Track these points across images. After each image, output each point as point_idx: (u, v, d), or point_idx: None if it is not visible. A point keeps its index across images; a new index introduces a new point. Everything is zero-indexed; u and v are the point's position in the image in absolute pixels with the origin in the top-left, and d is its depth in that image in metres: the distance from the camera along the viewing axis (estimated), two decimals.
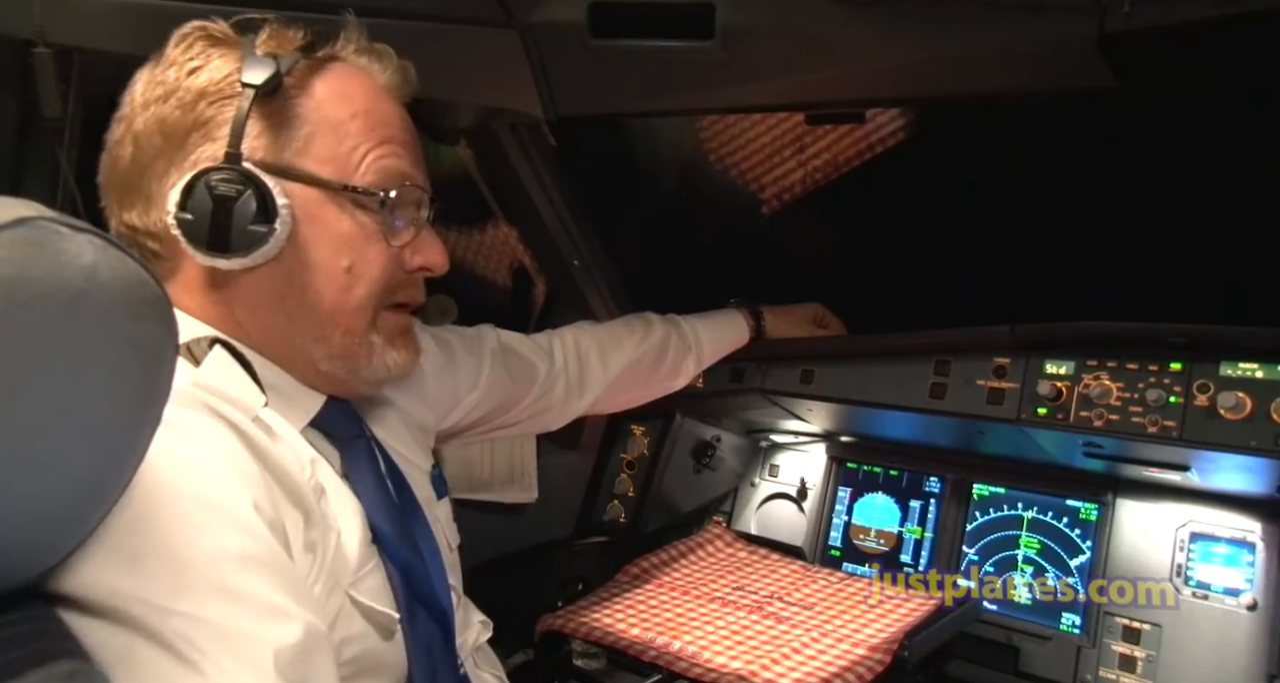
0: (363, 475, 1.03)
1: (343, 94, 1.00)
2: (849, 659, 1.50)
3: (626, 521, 2.16)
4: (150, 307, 0.63)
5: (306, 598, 0.82)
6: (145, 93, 0.97)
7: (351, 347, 1.02)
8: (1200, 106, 1.56)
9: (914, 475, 2.09)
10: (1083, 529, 1.83)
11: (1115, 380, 1.51)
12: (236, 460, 0.84)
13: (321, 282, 0.99)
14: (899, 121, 1.91)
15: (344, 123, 0.99)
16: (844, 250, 2.12)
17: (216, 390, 0.88)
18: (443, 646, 1.05)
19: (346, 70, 1.03)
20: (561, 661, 1.63)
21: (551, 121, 1.51)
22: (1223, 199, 1.64)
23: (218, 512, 0.78)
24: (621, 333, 1.70)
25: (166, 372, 0.67)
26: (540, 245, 1.94)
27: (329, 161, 0.98)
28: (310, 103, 0.98)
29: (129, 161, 0.97)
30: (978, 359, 1.66)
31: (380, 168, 1.01)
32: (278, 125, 0.96)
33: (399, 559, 1.00)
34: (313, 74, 0.99)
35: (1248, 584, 1.62)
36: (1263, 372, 1.38)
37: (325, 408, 1.04)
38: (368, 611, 0.95)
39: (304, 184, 0.97)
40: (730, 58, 1.27)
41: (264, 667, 0.73)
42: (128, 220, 0.98)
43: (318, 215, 0.98)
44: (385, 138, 1.02)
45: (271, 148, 0.96)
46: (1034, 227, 1.88)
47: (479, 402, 1.43)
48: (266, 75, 0.93)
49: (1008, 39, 1.16)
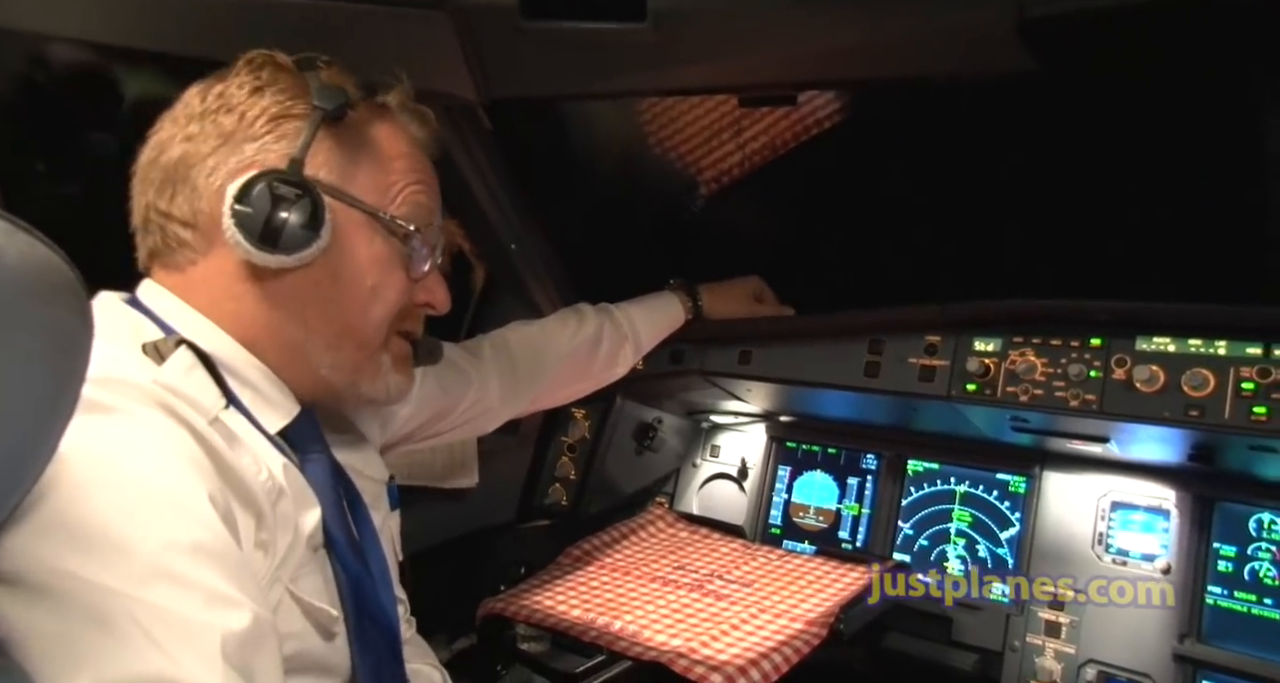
0: (320, 488, 1.04)
1: (392, 136, 1.11)
2: (786, 634, 1.54)
3: (569, 503, 2.17)
4: (62, 292, 0.62)
5: (254, 589, 0.83)
6: (206, 103, 1.03)
7: (362, 361, 1.09)
8: (1120, 90, 1.60)
9: (851, 453, 2.14)
10: (1012, 502, 1.89)
11: (1040, 356, 1.56)
12: (191, 455, 0.85)
13: (346, 295, 1.05)
14: (834, 104, 1.94)
15: (391, 160, 1.09)
16: (782, 232, 2.14)
17: (174, 390, 0.89)
18: (389, 656, 1.08)
19: (395, 119, 1.13)
20: (504, 644, 1.63)
21: (485, 105, 1.50)
22: (1141, 181, 1.70)
23: (169, 499, 0.79)
24: (554, 329, 1.70)
25: (80, 359, 0.65)
26: (478, 230, 1.92)
27: (372, 190, 1.07)
28: (366, 136, 1.08)
29: (177, 158, 1.02)
30: (910, 338, 1.70)
31: (414, 203, 1.10)
32: (337, 147, 1.05)
33: (351, 571, 1.02)
34: (370, 113, 1.10)
35: (1163, 550, 1.69)
36: (1175, 346, 1.44)
37: (297, 418, 1.06)
38: (307, 607, 0.95)
39: (348, 205, 1.05)
40: (662, 40, 1.27)
41: (211, 653, 0.73)
42: (161, 207, 1.02)
43: (354, 235, 1.05)
44: (420, 180, 1.12)
45: (327, 166, 1.04)
46: (964, 208, 1.92)
47: (412, 416, 1.44)
48: (339, 102, 1.03)
49: (931, 23, 1.18)
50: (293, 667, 0.92)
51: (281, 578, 0.93)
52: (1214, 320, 1.42)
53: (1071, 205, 1.79)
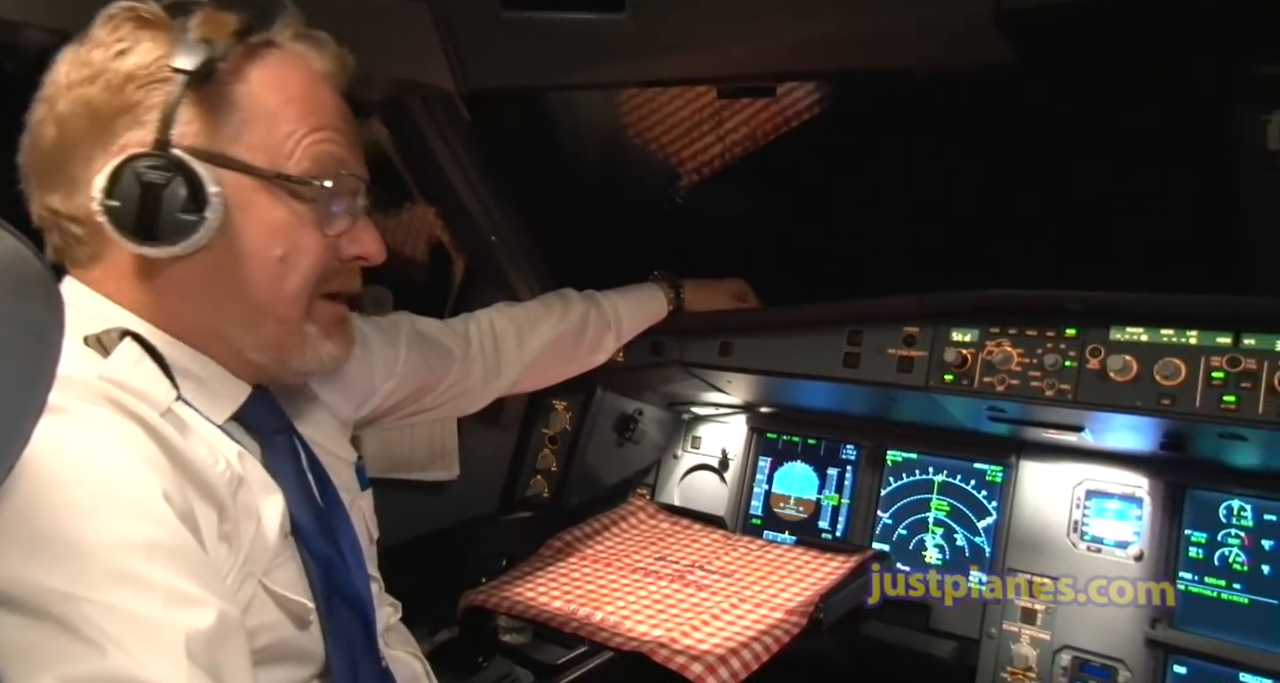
0: (285, 470, 1.02)
1: (278, 81, 0.98)
2: (767, 623, 1.55)
3: (550, 495, 2.17)
4: (31, 283, 0.61)
5: (218, 586, 0.81)
6: (70, 73, 0.93)
7: (284, 336, 1.01)
8: (1097, 83, 1.62)
9: (831, 444, 2.15)
10: (989, 491, 1.91)
11: (1016, 347, 1.57)
12: (143, 451, 0.83)
13: (254, 270, 0.97)
14: (813, 96, 1.94)
15: (278, 110, 0.97)
16: (761, 223, 2.15)
17: (122, 384, 0.86)
18: (363, 639, 1.05)
19: (282, 57, 1.00)
20: (486, 636, 1.63)
21: (464, 95, 1.49)
22: (1116, 174, 1.72)
23: (123, 500, 0.77)
24: (539, 313, 1.70)
25: (52, 353, 0.64)
26: (458, 222, 1.91)
27: (263, 149, 0.96)
28: (244, 89, 0.96)
29: (51, 144, 0.94)
30: (889, 329, 1.71)
31: (315, 155, 0.99)
32: (210, 112, 0.94)
33: (319, 554, 1.00)
34: (248, 60, 0.96)
35: (1135, 537, 1.72)
36: (1147, 335, 1.46)
37: (249, 401, 1.02)
38: (281, 599, 0.94)
39: (237, 172, 0.94)
40: (641, 30, 1.28)
41: (175, 652, 0.72)
42: (49, 204, 0.95)
43: (251, 203, 0.95)
44: (320, 124, 1.00)
45: (204, 135, 0.93)
46: (942, 199, 1.93)
47: (395, 390, 1.42)
48: (200, 61, 0.90)
49: (910, 14, 1.19)
50: (266, 657, 0.91)
51: (254, 573, 0.91)
52: (1185, 311, 1.43)
53: (1048, 197, 1.81)
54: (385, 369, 1.40)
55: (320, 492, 1.07)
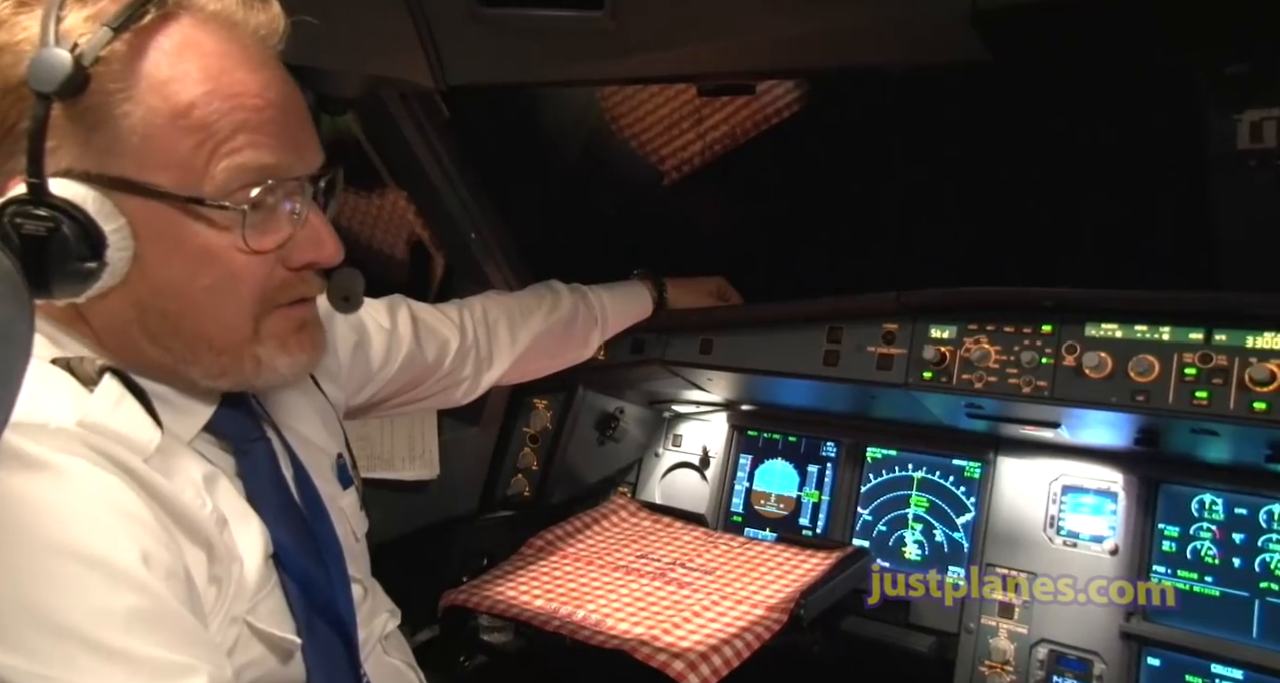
0: (260, 483, 0.97)
1: (178, 75, 0.79)
2: (748, 620, 1.55)
3: (531, 494, 2.16)
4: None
5: (206, 646, 0.78)
6: None
7: (230, 364, 0.91)
8: (1071, 83, 1.64)
9: (811, 441, 2.16)
10: (967, 487, 1.93)
11: (993, 343, 1.59)
12: (124, 506, 0.77)
13: (181, 305, 0.85)
14: (792, 95, 1.95)
15: (179, 115, 0.79)
16: (741, 221, 2.15)
17: (104, 429, 0.79)
18: (344, 654, 1.02)
19: (183, 36, 0.80)
20: (467, 635, 1.63)
21: (443, 92, 1.48)
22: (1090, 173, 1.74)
23: (99, 567, 0.72)
24: (530, 304, 1.69)
25: (21, 351, 0.63)
26: (437, 219, 1.90)
27: (167, 168, 0.80)
28: (134, 94, 0.77)
29: None
30: (868, 326, 1.72)
31: (232, 167, 0.82)
32: (93, 128, 0.76)
33: (298, 573, 0.95)
34: (135, 52, 0.77)
35: (1110, 531, 1.74)
36: (1121, 332, 1.48)
37: (218, 411, 0.96)
38: (266, 636, 0.91)
39: (142, 198, 0.79)
40: (620, 28, 1.27)
41: None
42: None
43: (163, 232, 0.81)
44: (237, 125, 0.82)
45: (92, 156, 0.77)
46: (922, 197, 1.95)
47: (391, 377, 1.41)
48: (61, 78, 0.72)
49: (887, 14, 1.19)
50: None
51: (238, 613, 0.88)
52: (1158, 307, 1.45)
53: (1024, 196, 1.83)
54: (381, 356, 1.39)
55: (302, 498, 1.03)
